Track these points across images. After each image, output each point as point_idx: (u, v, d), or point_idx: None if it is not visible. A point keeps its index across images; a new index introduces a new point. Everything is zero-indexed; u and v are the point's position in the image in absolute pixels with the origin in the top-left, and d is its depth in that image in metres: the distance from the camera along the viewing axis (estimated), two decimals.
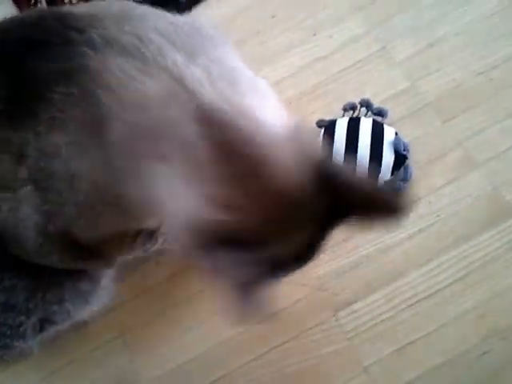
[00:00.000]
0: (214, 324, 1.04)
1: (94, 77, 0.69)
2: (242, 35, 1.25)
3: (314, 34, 1.24)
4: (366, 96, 1.15)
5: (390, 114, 1.14)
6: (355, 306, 1.02)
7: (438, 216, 1.08)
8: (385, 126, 1.12)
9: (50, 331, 0.96)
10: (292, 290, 1.04)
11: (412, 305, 1.01)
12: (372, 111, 1.16)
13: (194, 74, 0.66)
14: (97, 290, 0.96)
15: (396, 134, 1.12)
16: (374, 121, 1.12)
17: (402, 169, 1.10)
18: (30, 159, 0.73)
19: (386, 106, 1.14)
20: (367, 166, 1.08)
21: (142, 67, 0.67)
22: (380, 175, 1.08)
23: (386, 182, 1.09)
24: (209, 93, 0.65)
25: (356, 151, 1.09)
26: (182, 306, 1.07)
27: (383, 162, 1.08)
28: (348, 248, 1.07)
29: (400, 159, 1.09)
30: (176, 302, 1.07)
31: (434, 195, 1.09)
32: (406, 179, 1.10)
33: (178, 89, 0.66)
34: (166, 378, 1.03)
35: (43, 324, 0.93)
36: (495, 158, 1.10)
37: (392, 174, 1.09)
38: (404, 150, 1.09)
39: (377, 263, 1.05)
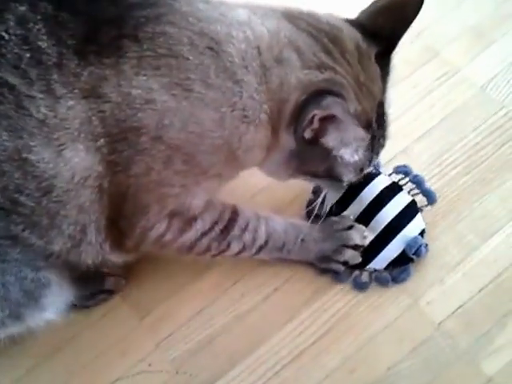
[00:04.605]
0: None
1: (187, 15, 0.71)
2: None
3: None
4: None
5: None
6: None
7: (291, 271, 0.95)
8: (416, 218, 0.96)
9: None
10: (147, 378, 0.90)
11: (278, 372, 0.88)
12: (421, 190, 1.00)
13: None
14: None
15: (422, 232, 0.95)
16: (411, 202, 0.97)
17: (400, 270, 0.94)
18: (106, 99, 0.68)
19: None
20: (368, 240, 0.94)
21: None
22: (374, 260, 0.94)
23: (374, 269, 0.94)
24: None
25: (369, 219, 0.96)
26: None
27: (385, 250, 0.94)
28: (202, 321, 0.93)
29: (404, 260, 0.94)
30: None
31: None
32: (396, 280, 0.94)
33: None
34: None
35: None
36: None
37: (386, 268, 0.94)
38: (414, 254, 0.93)
39: (235, 333, 0.92)
